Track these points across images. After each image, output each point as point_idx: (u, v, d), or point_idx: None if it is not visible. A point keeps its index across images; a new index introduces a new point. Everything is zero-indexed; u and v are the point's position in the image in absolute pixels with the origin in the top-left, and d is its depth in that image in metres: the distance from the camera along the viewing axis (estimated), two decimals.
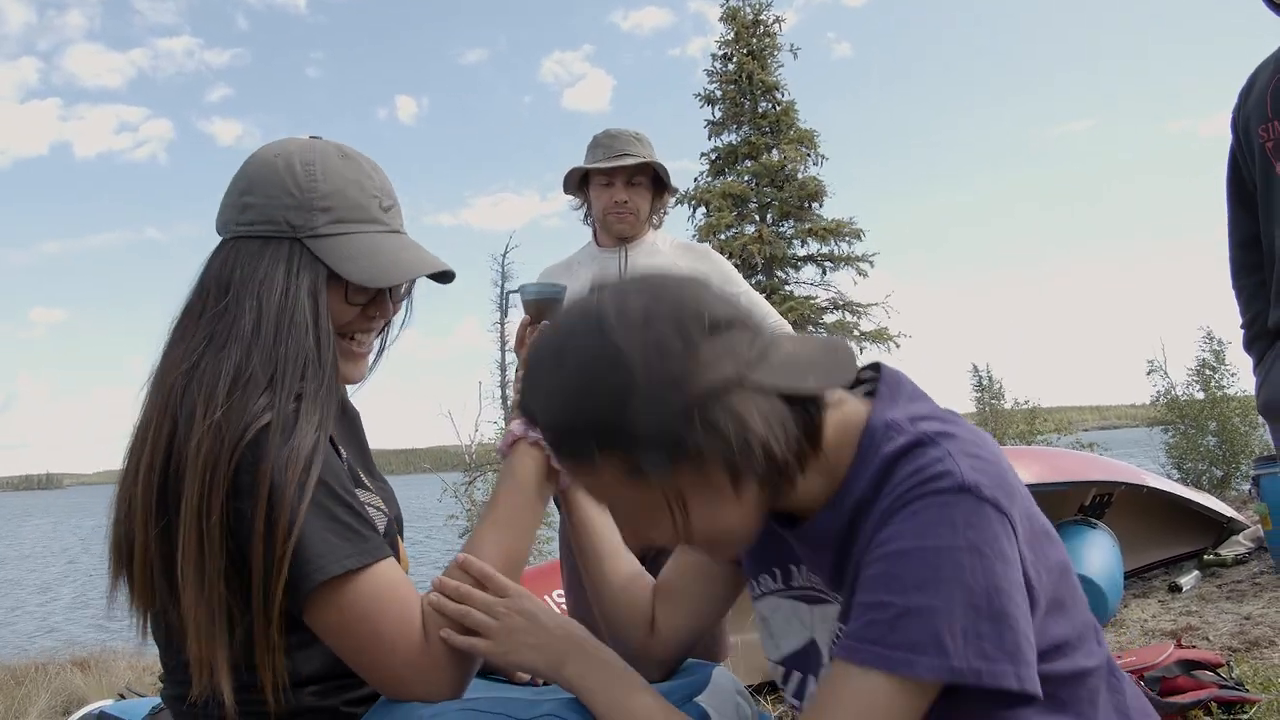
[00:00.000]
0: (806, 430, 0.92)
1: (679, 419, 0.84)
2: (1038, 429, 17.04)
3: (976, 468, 0.87)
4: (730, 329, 0.88)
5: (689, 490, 0.90)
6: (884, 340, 15.15)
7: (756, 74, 16.60)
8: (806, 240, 16.29)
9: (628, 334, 0.85)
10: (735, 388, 0.85)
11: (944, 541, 0.84)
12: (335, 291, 1.15)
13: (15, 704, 4.83)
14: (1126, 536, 5.04)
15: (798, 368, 0.91)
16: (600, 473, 0.90)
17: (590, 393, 0.85)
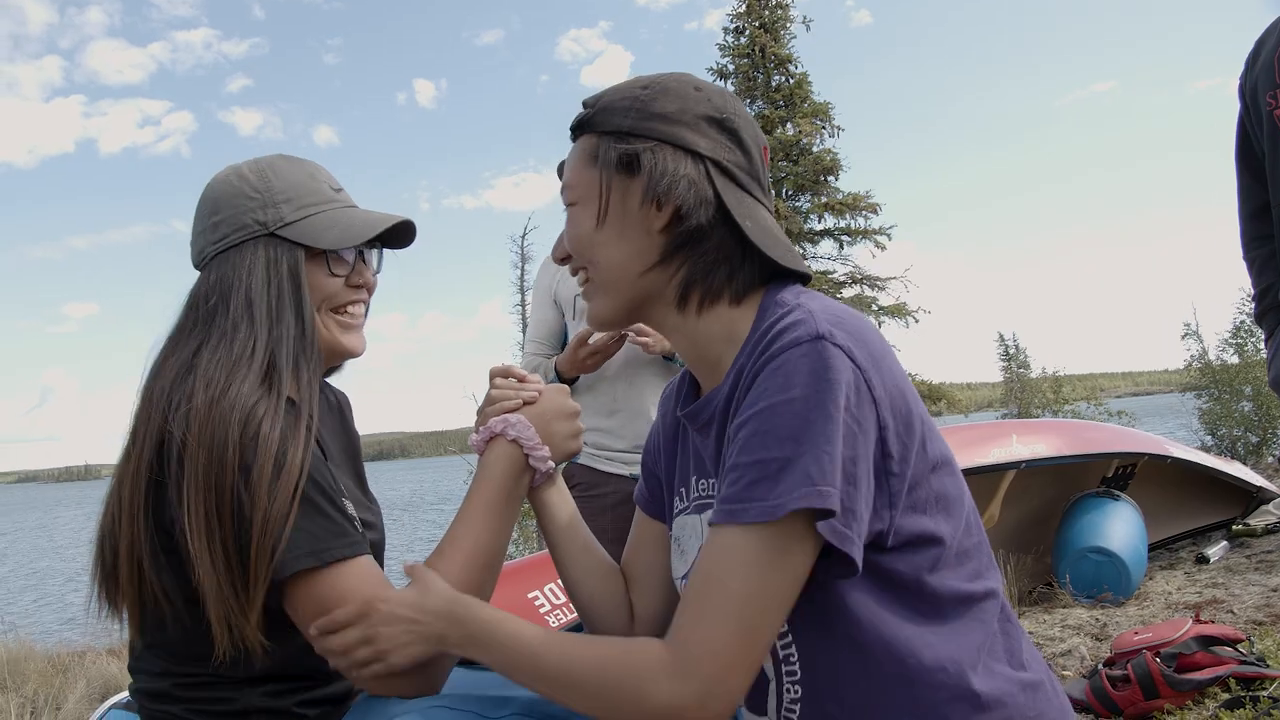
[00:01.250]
0: (724, 253, 1.04)
1: (642, 138, 1.03)
2: (1064, 397, 16.84)
3: (834, 323, 0.93)
4: (734, 140, 1.05)
5: (614, 195, 1.05)
6: (903, 315, 15.01)
7: (769, 47, 16.41)
8: (823, 214, 16.15)
9: (681, 81, 1.07)
10: (695, 158, 1.03)
11: (799, 394, 0.89)
12: (317, 269, 1.23)
13: (56, 690, 4.95)
14: (1151, 508, 4.97)
15: (749, 209, 1.05)
16: (580, 147, 1.09)
17: (622, 91, 1.07)
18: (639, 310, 1.10)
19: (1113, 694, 2.65)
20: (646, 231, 1.05)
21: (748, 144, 1.07)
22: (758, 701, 1.05)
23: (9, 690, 5.08)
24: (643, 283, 1.06)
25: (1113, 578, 4.22)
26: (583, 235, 1.08)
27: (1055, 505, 4.78)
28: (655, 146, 1.03)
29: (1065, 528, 4.53)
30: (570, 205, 1.10)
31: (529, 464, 1.20)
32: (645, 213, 1.04)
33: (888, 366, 0.95)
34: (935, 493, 0.97)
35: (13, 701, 4.67)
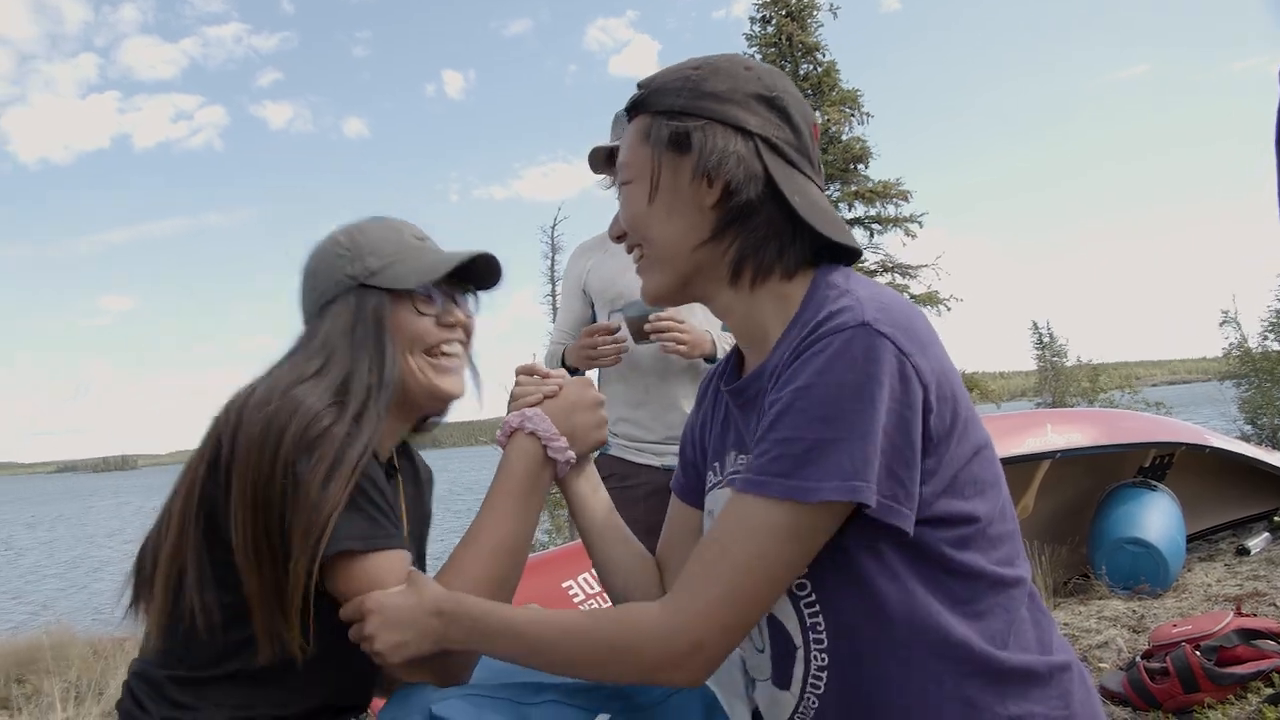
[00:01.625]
0: (774, 228, 1.06)
1: (694, 116, 1.05)
2: (1100, 386, 16.62)
3: (880, 308, 0.94)
4: (784, 118, 1.07)
5: (666, 173, 1.07)
6: (935, 303, 14.84)
7: (796, 35, 16.26)
8: (853, 203, 15.99)
9: (732, 61, 1.10)
10: (744, 135, 1.05)
11: (838, 377, 0.90)
12: (404, 311, 1.25)
13: (98, 676, 5.06)
14: (1190, 498, 4.89)
15: (799, 185, 1.06)
16: (634, 126, 1.11)
17: (675, 72, 1.10)
18: (692, 286, 1.12)
19: (1151, 687, 2.62)
20: (698, 208, 1.07)
21: (797, 121, 1.09)
22: (782, 672, 1.05)
23: (53, 675, 5.19)
24: (695, 258, 1.09)
25: (1150, 569, 4.16)
26: (637, 212, 1.11)
27: (1091, 495, 4.71)
28: (706, 125, 1.05)
29: (1101, 518, 4.47)
30: (625, 184, 1.13)
31: (548, 455, 1.22)
32: (696, 189, 1.06)
33: (934, 353, 0.96)
34: (973, 476, 0.98)
35: (57, 686, 4.77)
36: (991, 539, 0.99)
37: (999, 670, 0.95)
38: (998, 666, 0.95)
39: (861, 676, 0.98)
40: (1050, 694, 0.98)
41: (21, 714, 4.69)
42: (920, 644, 0.95)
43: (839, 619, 0.99)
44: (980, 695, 0.95)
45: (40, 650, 5.80)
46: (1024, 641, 0.99)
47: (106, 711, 4.51)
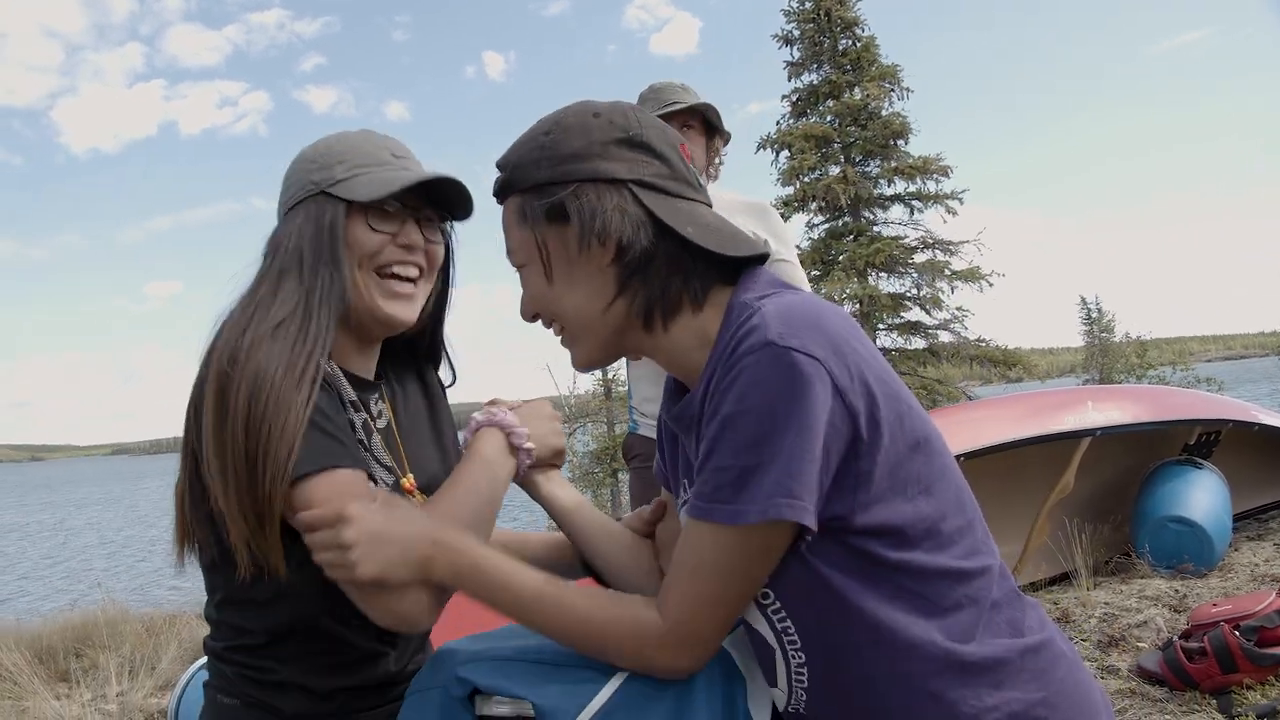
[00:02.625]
0: (674, 265, 1.05)
1: (561, 184, 1.04)
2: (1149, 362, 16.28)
3: (784, 320, 0.93)
4: (649, 153, 1.06)
5: (553, 248, 1.06)
6: (976, 279, 14.55)
7: (835, 10, 15.98)
8: (893, 179, 15.73)
9: (579, 114, 1.07)
10: (616, 186, 1.04)
11: (755, 401, 0.91)
12: (358, 225, 1.23)
13: (150, 651, 5.23)
14: (1238, 477, 4.80)
15: (683, 214, 1.05)
16: (507, 211, 1.10)
17: (526, 143, 1.08)
18: (616, 344, 1.12)
19: (1188, 667, 2.58)
20: (596, 270, 1.06)
21: (663, 151, 1.07)
22: (768, 672, 1.07)
23: (109, 650, 5.37)
24: (609, 318, 1.08)
25: (1194, 548, 4.09)
26: (539, 294, 1.10)
27: (1134, 473, 4.64)
28: (576, 189, 1.04)
29: (1145, 496, 4.40)
30: (519, 268, 1.12)
31: (511, 442, 1.24)
32: (586, 255, 1.05)
33: (852, 350, 0.95)
34: (915, 474, 0.97)
35: (112, 661, 4.93)
36: (946, 534, 0.99)
37: (966, 664, 0.96)
38: (964, 660, 0.95)
39: (838, 673, 1.00)
40: (1024, 678, 0.97)
41: (80, 686, 4.87)
42: (883, 646, 0.96)
43: (804, 624, 1.01)
44: (951, 690, 0.95)
45: (96, 626, 6.00)
46: (995, 629, 0.99)
47: (159, 685, 4.66)
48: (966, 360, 14.73)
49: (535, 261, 1.08)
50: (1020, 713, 0.96)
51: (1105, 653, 3.07)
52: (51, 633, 6.15)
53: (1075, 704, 1.00)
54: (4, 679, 4.80)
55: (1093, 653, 3.09)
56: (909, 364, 14.80)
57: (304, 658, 1.22)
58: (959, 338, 14.75)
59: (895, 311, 14.90)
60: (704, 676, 1.05)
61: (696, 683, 1.04)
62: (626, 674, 1.04)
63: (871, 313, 14.71)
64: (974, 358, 14.66)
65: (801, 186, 15.97)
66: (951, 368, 15.20)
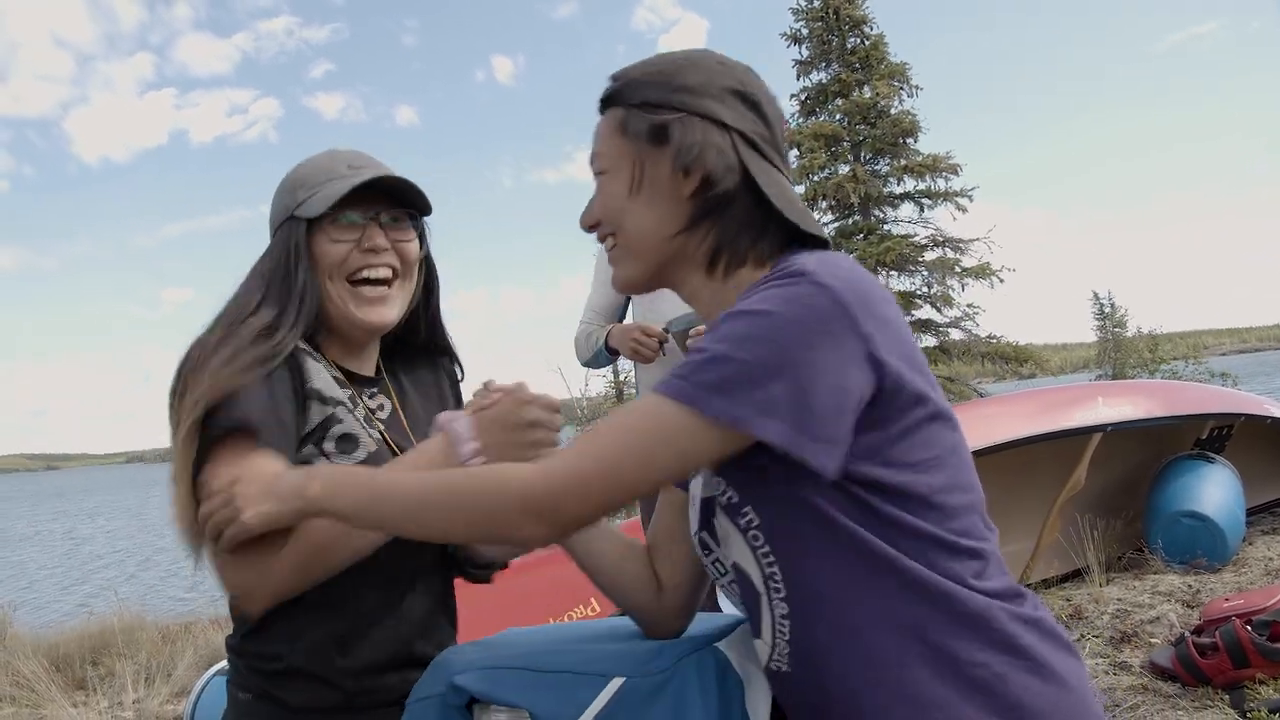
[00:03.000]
0: (749, 219, 1.08)
1: (671, 109, 1.07)
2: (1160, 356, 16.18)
3: (829, 269, 0.94)
4: (758, 113, 1.10)
5: (645, 165, 1.09)
6: (987, 275, 14.51)
7: (843, 9, 15.95)
8: (903, 177, 15.69)
9: (705, 56, 1.13)
10: (721, 128, 1.07)
11: (771, 307, 0.91)
12: (321, 239, 1.29)
13: (165, 658, 5.27)
14: (1252, 471, 4.77)
15: (772, 176, 1.09)
16: (608, 119, 1.13)
17: (649, 65, 1.13)
18: (664, 273, 1.13)
19: (1200, 662, 2.57)
20: (675, 198, 1.08)
21: (769, 116, 1.10)
22: (754, 621, 1.07)
23: (125, 658, 5.41)
24: (671, 247, 1.10)
25: (1207, 543, 4.08)
26: (613, 203, 1.11)
27: (1147, 469, 4.62)
28: (683, 117, 1.06)
29: (1157, 491, 4.38)
30: (600, 174, 1.14)
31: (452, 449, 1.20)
32: (674, 180, 1.07)
33: (880, 310, 0.95)
34: (931, 439, 0.98)
35: (129, 668, 4.97)
36: (949, 507, 0.99)
37: (956, 614, 0.95)
38: (954, 610, 0.95)
39: (820, 624, 0.99)
40: (1016, 644, 0.95)
41: (97, 694, 4.91)
42: (866, 592, 0.96)
43: (791, 568, 1.00)
44: (935, 638, 0.94)
45: (112, 634, 6.04)
46: (989, 596, 0.97)
47: (175, 692, 4.69)
48: (978, 357, 14.67)
49: (621, 171, 1.11)
50: (1006, 675, 0.94)
51: (1118, 649, 3.06)
52: (68, 641, 6.19)
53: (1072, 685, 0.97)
54: (22, 687, 4.84)
55: (1105, 649, 3.09)
56: None
57: (305, 632, 1.24)
58: (970, 335, 14.71)
59: (906, 309, 14.86)
60: (699, 680, 1.06)
61: (692, 686, 1.05)
62: (623, 679, 1.05)
63: None
64: (985, 355, 14.61)
65: (811, 185, 15.95)
66: (963, 365, 15.14)
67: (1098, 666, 2.91)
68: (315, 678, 1.24)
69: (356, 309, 1.30)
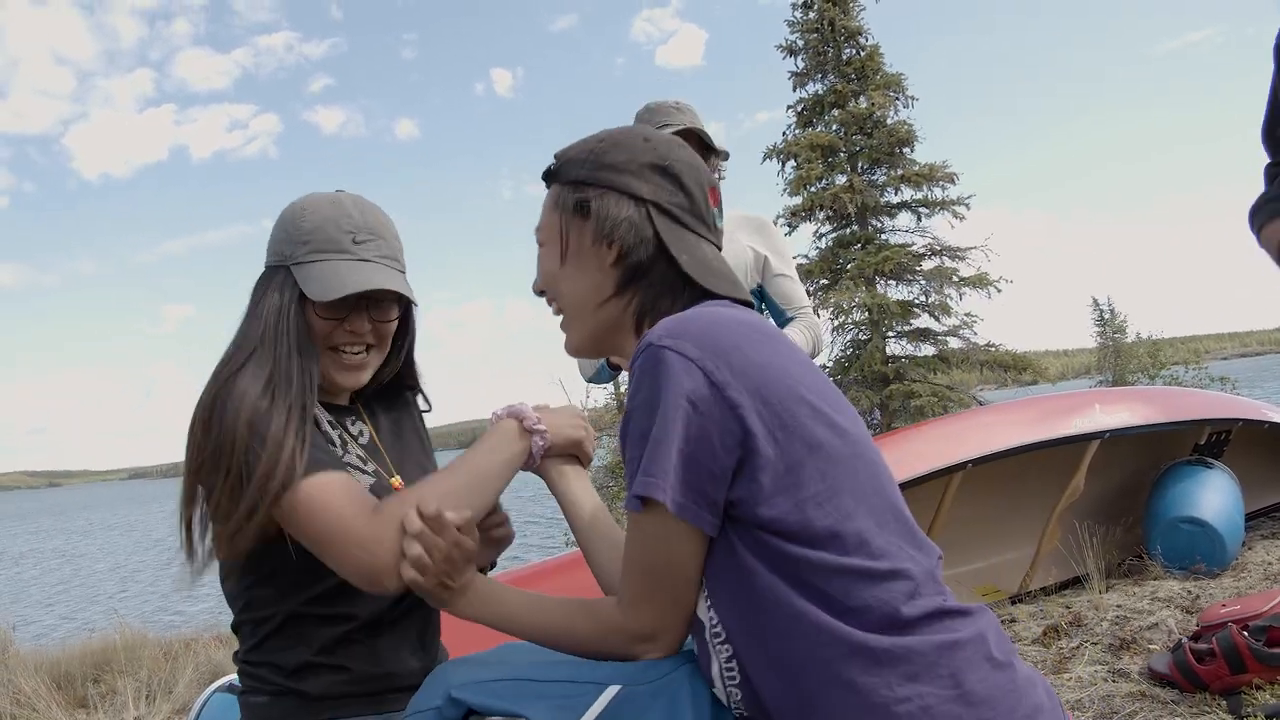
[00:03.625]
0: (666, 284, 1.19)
1: (593, 186, 1.20)
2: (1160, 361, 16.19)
3: (670, 330, 1.05)
4: (676, 184, 1.20)
5: (572, 236, 1.22)
6: (984, 285, 14.52)
7: (839, 20, 16.04)
8: (899, 187, 15.74)
9: (631, 135, 1.23)
10: (637, 202, 1.19)
11: (641, 398, 1.03)
12: (309, 307, 1.38)
13: (166, 675, 5.26)
14: (1252, 475, 4.78)
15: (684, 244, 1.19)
16: (549, 194, 1.26)
17: (583, 144, 1.25)
18: (605, 339, 1.24)
19: (1197, 668, 2.57)
20: (599, 267, 1.20)
21: (689, 186, 1.21)
22: (706, 669, 1.10)
23: (127, 674, 5.40)
24: (602, 313, 1.22)
25: (1206, 548, 4.07)
26: (549, 272, 1.25)
27: (1145, 475, 4.62)
28: (603, 193, 1.19)
29: (1156, 498, 4.38)
30: (541, 245, 1.27)
31: (524, 425, 1.35)
32: (597, 251, 1.20)
33: (740, 354, 1.03)
34: (815, 473, 1.00)
35: (129, 685, 4.96)
36: (850, 536, 1.00)
37: (876, 652, 0.96)
38: (874, 649, 0.96)
39: (755, 663, 1.03)
40: (939, 673, 0.96)
41: (98, 711, 4.90)
42: (794, 634, 0.99)
43: (726, 613, 1.05)
44: (861, 678, 0.96)
45: (114, 651, 6.03)
46: (908, 626, 0.98)
47: (176, 709, 4.68)
48: (977, 366, 14.68)
49: (554, 243, 1.24)
50: (933, 707, 0.95)
51: (1116, 656, 3.06)
52: (70, 658, 6.18)
53: (997, 706, 0.97)
54: (23, 705, 4.83)
55: (1104, 656, 3.08)
56: (919, 371, 14.76)
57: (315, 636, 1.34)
58: (968, 343, 14.72)
59: (904, 319, 14.88)
60: (692, 689, 1.07)
61: (685, 694, 1.06)
62: (619, 687, 1.07)
63: (881, 320, 14.69)
64: (984, 363, 14.61)
65: (808, 196, 15.99)
66: (962, 373, 15.15)
67: (1096, 674, 2.91)
68: (334, 668, 1.34)
69: (335, 373, 1.43)
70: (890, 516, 1.04)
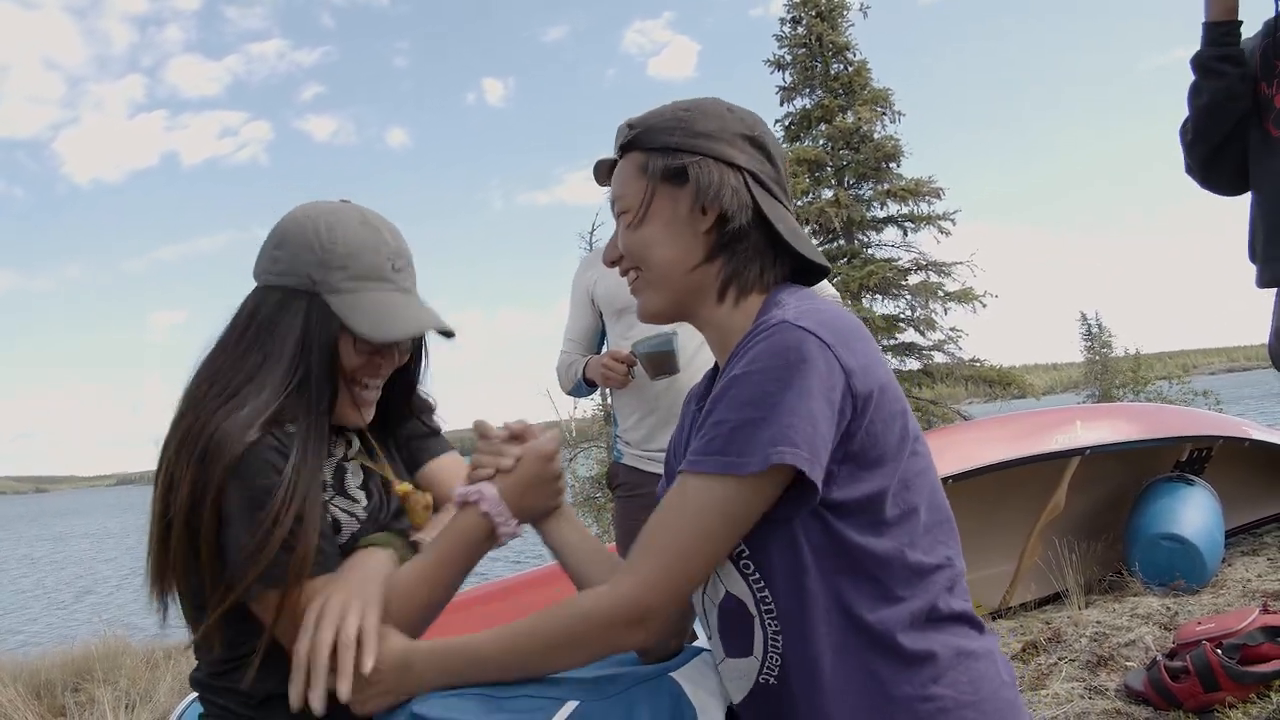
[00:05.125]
0: (760, 252, 1.18)
1: (688, 152, 1.17)
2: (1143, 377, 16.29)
3: (805, 312, 1.06)
4: (765, 155, 1.21)
5: (665, 203, 1.19)
6: (969, 300, 14.55)
7: (826, 35, 16.09)
8: (885, 202, 15.78)
9: (715, 104, 1.22)
10: (735, 170, 1.17)
11: (762, 365, 1.02)
12: (346, 341, 1.28)
13: (144, 685, 5.23)
14: (1232, 492, 4.81)
15: (780, 213, 1.19)
16: (628, 163, 1.23)
17: (664, 112, 1.22)
18: (688, 304, 1.22)
19: (1171, 686, 2.59)
20: (694, 234, 1.19)
21: (775, 158, 1.22)
22: (743, 641, 1.12)
23: (106, 684, 5.36)
24: (690, 279, 1.20)
25: (1186, 565, 4.11)
26: (637, 239, 1.21)
27: (1127, 491, 4.66)
28: (700, 160, 1.17)
29: (1136, 514, 4.42)
30: (622, 214, 1.24)
31: (495, 532, 1.24)
32: (693, 217, 1.18)
33: (860, 347, 1.06)
34: (902, 465, 1.06)
35: (108, 694, 4.93)
36: (917, 528, 1.07)
37: (906, 653, 1.03)
38: (905, 649, 1.03)
39: (805, 644, 1.06)
40: (958, 679, 1.04)
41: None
42: (835, 620, 1.04)
43: (777, 592, 1.08)
44: (887, 674, 1.03)
45: (95, 660, 5.99)
46: (937, 625, 1.06)
47: (155, 718, 4.65)
48: (961, 380, 14.73)
49: (639, 209, 1.21)
50: (949, 710, 1.03)
51: (1094, 673, 3.08)
52: (50, 667, 6.14)
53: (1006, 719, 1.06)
54: (1, 715, 4.79)
55: (1080, 673, 3.10)
56: (904, 385, 14.74)
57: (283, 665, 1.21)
58: (953, 358, 14.76)
59: (890, 333, 14.90)
60: (651, 705, 1.08)
61: (643, 710, 1.07)
62: (577, 703, 1.07)
63: None
64: (969, 378, 14.66)
65: (795, 210, 16.01)
66: (946, 388, 15.19)
67: (1073, 691, 2.92)
68: None
69: (349, 411, 1.34)
70: (946, 512, 1.13)
